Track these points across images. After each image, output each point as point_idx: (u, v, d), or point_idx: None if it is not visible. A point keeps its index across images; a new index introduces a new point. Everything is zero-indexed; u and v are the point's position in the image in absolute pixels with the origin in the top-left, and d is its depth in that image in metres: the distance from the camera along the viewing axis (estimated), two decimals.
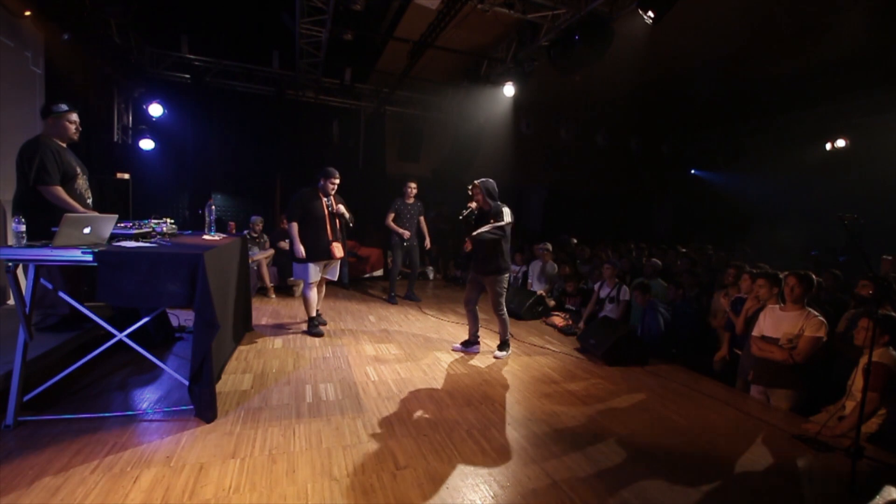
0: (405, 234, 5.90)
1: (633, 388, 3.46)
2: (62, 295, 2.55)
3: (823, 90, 7.54)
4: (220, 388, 2.91)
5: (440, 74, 7.62)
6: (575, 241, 8.15)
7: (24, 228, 2.33)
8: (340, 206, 4.29)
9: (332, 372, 3.41)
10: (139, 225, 3.10)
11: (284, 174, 8.04)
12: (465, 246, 3.83)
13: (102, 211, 2.95)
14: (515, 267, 6.81)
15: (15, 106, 4.16)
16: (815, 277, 3.22)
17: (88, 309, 2.56)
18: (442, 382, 3.34)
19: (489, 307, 4.00)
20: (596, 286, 5.21)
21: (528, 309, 5.54)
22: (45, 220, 2.58)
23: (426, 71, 7.15)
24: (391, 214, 5.91)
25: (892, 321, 2.66)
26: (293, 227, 4.10)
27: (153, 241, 2.90)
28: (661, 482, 2.19)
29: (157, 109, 6.72)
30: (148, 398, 2.77)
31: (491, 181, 3.85)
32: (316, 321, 4.36)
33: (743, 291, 3.95)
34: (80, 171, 3.07)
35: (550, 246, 6.64)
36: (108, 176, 6.04)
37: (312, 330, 4.33)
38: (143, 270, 2.37)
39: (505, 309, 3.98)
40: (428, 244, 6.17)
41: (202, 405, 2.51)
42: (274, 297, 6.09)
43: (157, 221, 3.29)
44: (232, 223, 4.43)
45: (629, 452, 2.46)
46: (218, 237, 3.57)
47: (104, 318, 2.62)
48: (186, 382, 2.53)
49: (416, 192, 6.00)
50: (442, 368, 3.65)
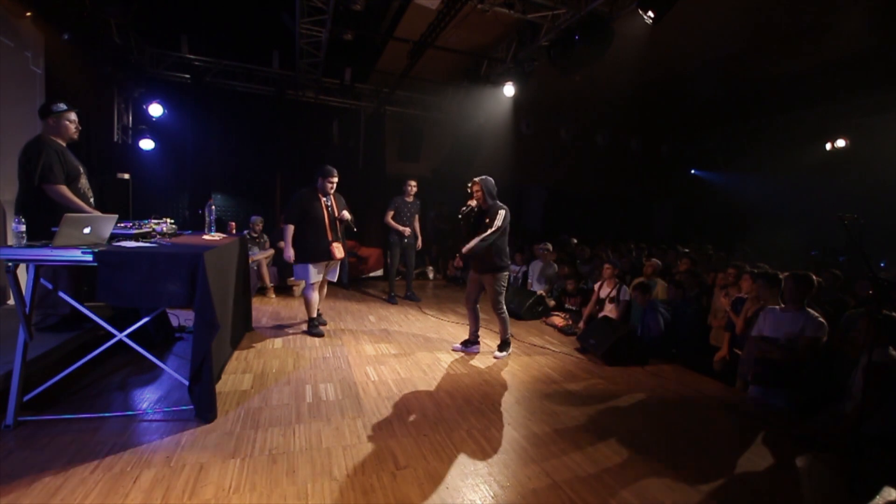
0: (405, 230, 5.91)
1: (633, 388, 3.46)
2: (62, 295, 2.55)
3: (823, 90, 7.53)
4: (220, 388, 2.92)
5: (440, 74, 7.61)
6: (575, 241, 8.15)
7: (24, 228, 2.33)
8: (345, 212, 4.29)
9: (332, 372, 3.41)
10: (139, 225, 3.10)
11: (284, 174, 8.03)
12: (455, 262, 3.80)
13: (102, 211, 2.96)
14: (515, 267, 6.81)
15: (15, 106, 4.16)
16: (814, 278, 3.23)
17: (88, 309, 2.57)
18: (442, 382, 3.34)
19: (489, 307, 4.00)
20: (596, 286, 5.21)
21: (528, 309, 5.55)
22: (47, 220, 2.58)
23: (426, 71, 7.15)
24: (390, 212, 5.91)
25: (891, 321, 2.66)
26: (288, 228, 4.07)
27: (153, 241, 2.90)
28: (661, 482, 2.19)
29: (157, 109, 6.71)
30: (148, 398, 2.78)
31: (490, 179, 3.84)
32: (316, 321, 4.36)
33: (743, 291, 3.96)
34: (82, 170, 3.08)
35: (551, 246, 6.64)
36: (108, 176, 6.03)
37: (312, 330, 4.33)
38: (143, 270, 2.37)
39: (505, 308, 3.97)
40: (420, 244, 6.18)
41: (202, 405, 2.51)
42: (274, 297, 6.09)
43: (157, 221, 3.29)
44: (232, 223, 4.41)
45: (629, 452, 2.46)
46: (218, 237, 3.57)
47: (104, 318, 2.62)
48: (186, 382, 2.53)
49: (415, 190, 6.01)
50: (442, 368, 3.65)
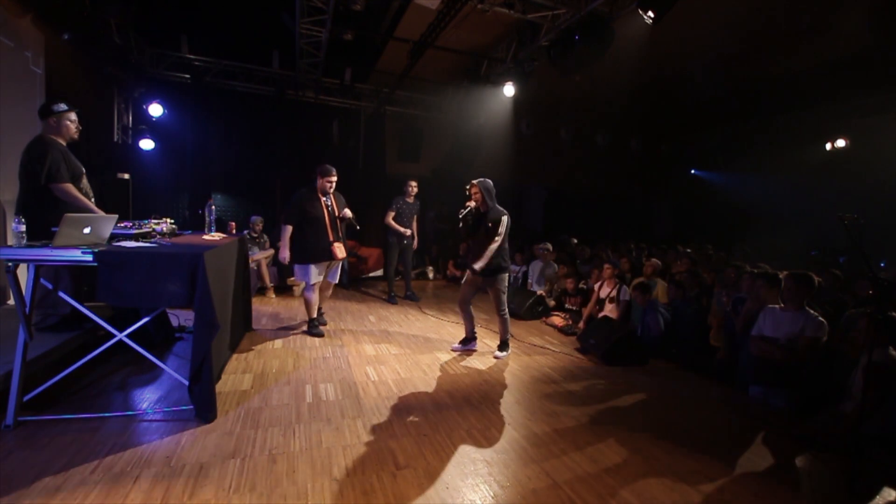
0: (406, 232, 5.91)
1: (633, 388, 3.45)
2: (62, 295, 2.55)
3: (823, 90, 7.52)
4: (220, 388, 2.92)
5: (440, 74, 7.61)
6: (575, 241, 8.15)
7: (24, 228, 2.34)
8: (346, 210, 4.30)
9: (332, 372, 3.41)
10: (139, 225, 3.10)
11: (284, 174, 8.03)
12: (448, 271, 3.79)
13: (102, 211, 2.96)
14: (515, 267, 6.81)
15: (15, 106, 4.16)
16: (814, 277, 3.23)
17: (88, 309, 2.57)
18: (442, 382, 3.34)
19: (489, 307, 4.00)
20: (596, 286, 5.21)
21: (528, 309, 5.54)
22: (47, 220, 2.58)
23: (426, 71, 7.15)
24: (391, 213, 5.90)
25: (891, 321, 2.66)
26: (286, 229, 4.06)
27: (153, 241, 2.90)
28: (661, 482, 2.19)
29: (157, 109, 6.71)
30: (148, 398, 2.78)
31: (489, 181, 3.81)
32: (316, 322, 4.36)
33: (743, 291, 3.96)
34: (83, 170, 3.09)
35: (551, 246, 6.64)
36: (108, 176, 6.03)
37: (313, 330, 4.33)
38: (143, 270, 2.37)
39: (507, 309, 3.97)
40: (416, 244, 6.18)
41: (202, 405, 2.51)
42: (274, 297, 6.09)
43: (156, 221, 3.29)
44: (232, 223, 4.41)
45: (629, 452, 2.46)
46: (218, 237, 3.57)
47: (104, 318, 2.62)
48: (186, 382, 2.53)
49: (416, 191, 6.01)
50: (442, 368, 3.65)
